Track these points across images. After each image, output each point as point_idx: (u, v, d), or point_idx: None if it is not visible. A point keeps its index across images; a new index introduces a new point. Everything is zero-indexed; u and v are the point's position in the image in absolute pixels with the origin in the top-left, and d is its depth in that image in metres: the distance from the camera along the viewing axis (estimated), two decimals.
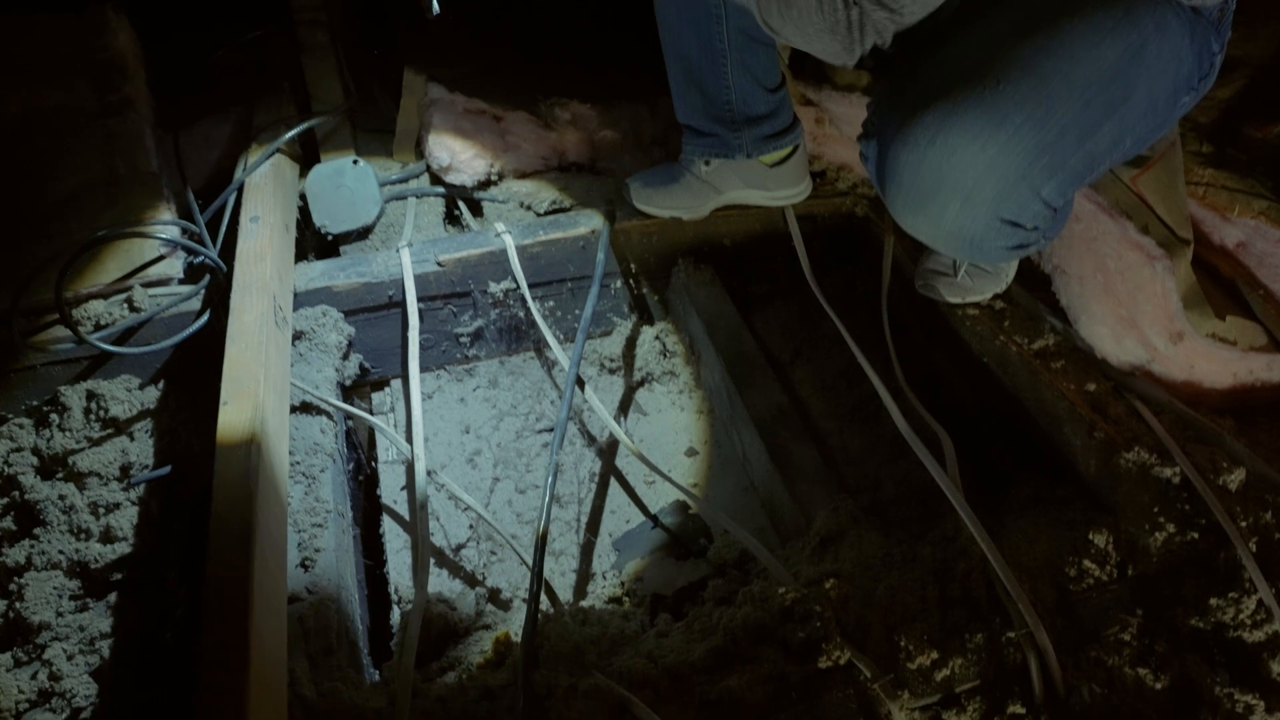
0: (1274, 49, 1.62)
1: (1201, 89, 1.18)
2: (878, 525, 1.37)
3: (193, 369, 1.57)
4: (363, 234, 1.79)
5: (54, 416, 1.53)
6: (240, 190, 1.63)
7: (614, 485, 1.59)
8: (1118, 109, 1.05)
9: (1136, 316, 1.42)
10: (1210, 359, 1.40)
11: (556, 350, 1.62)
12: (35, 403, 1.56)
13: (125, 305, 1.57)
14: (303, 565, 1.26)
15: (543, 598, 1.22)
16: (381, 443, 1.61)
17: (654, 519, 1.51)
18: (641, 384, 1.75)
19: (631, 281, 1.79)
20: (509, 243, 1.63)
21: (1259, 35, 1.63)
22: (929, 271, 1.62)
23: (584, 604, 1.37)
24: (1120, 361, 1.47)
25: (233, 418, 1.18)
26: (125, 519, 1.40)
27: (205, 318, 1.53)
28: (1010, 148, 1.01)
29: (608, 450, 1.64)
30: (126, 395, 1.56)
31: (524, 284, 1.63)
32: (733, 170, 1.61)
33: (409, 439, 1.49)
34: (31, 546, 1.37)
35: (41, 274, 1.45)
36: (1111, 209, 1.44)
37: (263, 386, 1.23)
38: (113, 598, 1.34)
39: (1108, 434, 1.39)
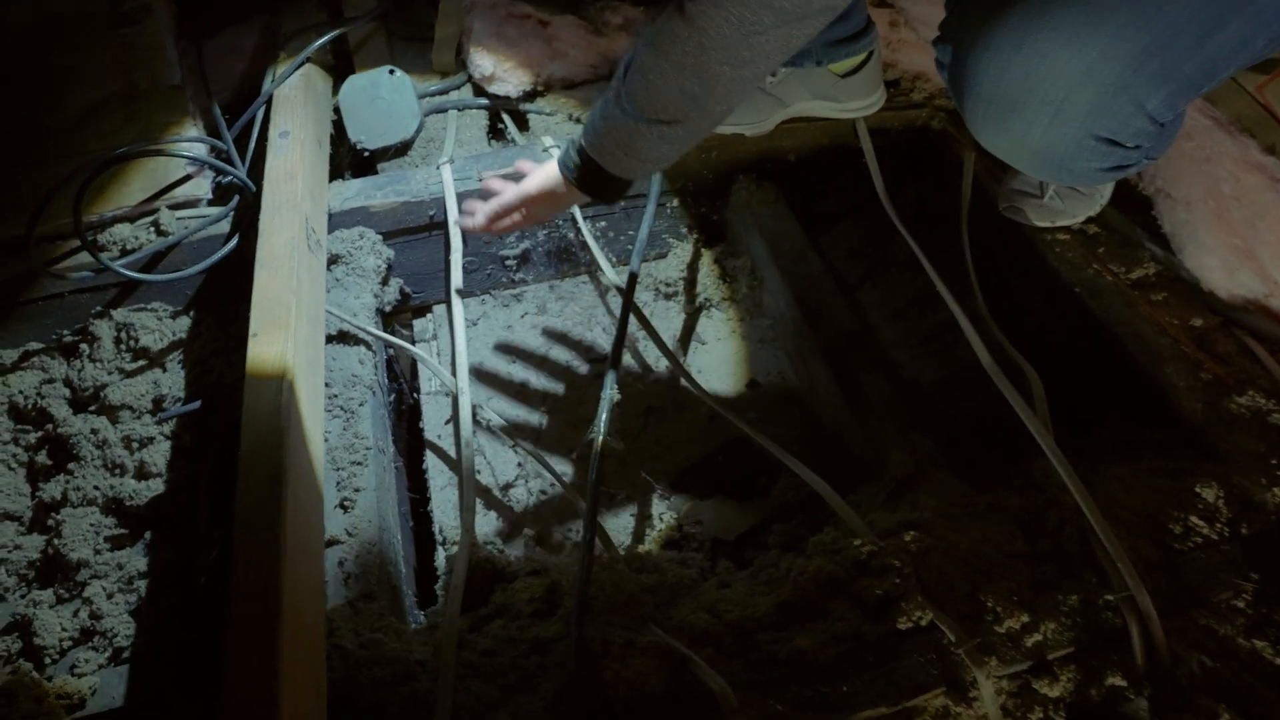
0: None
1: None
2: (956, 468, 1.26)
3: (224, 295, 1.50)
4: (401, 150, 1.67)
5: (84, 347, 1.47)
6: (269, 103, 1.52)
7: (671, 420, 1.49)
8: (1246, 4, 0.88)
9: (1254, 246, 1.27)
10: None
11: (610, 274, 1.51)
12: (65, 332, 1.50)
13: (152, 229, 1.48)
14: (341, 506, 1.19)
15: (596, 542, 1.14)
16: (424, 373, 1.53)
17: (714, 457, 1.42)
18: (700, 310, 1.63)
19: (689, 200, 1.65)
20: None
21: None
22: (1014, 192, 1.47)
23: (640, 549, 1.29)
24: (1232, 295, 1.32)
25: (263, 350, 1.10)
26: (159, 454, 1.34)
27: (235, 241, 1.44)
28: (1111, 51, 0.86)
29: (665, 382, 1.54)
30: (157, 324, 1.49)
31: None
32: (800, 80, 1.45)
33: (453, 370, 1.41)
34: (67, 482, 1.32)
35: (58, 195, 1.35)
36: (1230, 124, 1.28)
37: (294, 316, 1.15)
38: (149, 535, 1.29)
39: (1216, 374, 1.26)
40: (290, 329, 1.12)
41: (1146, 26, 0.86)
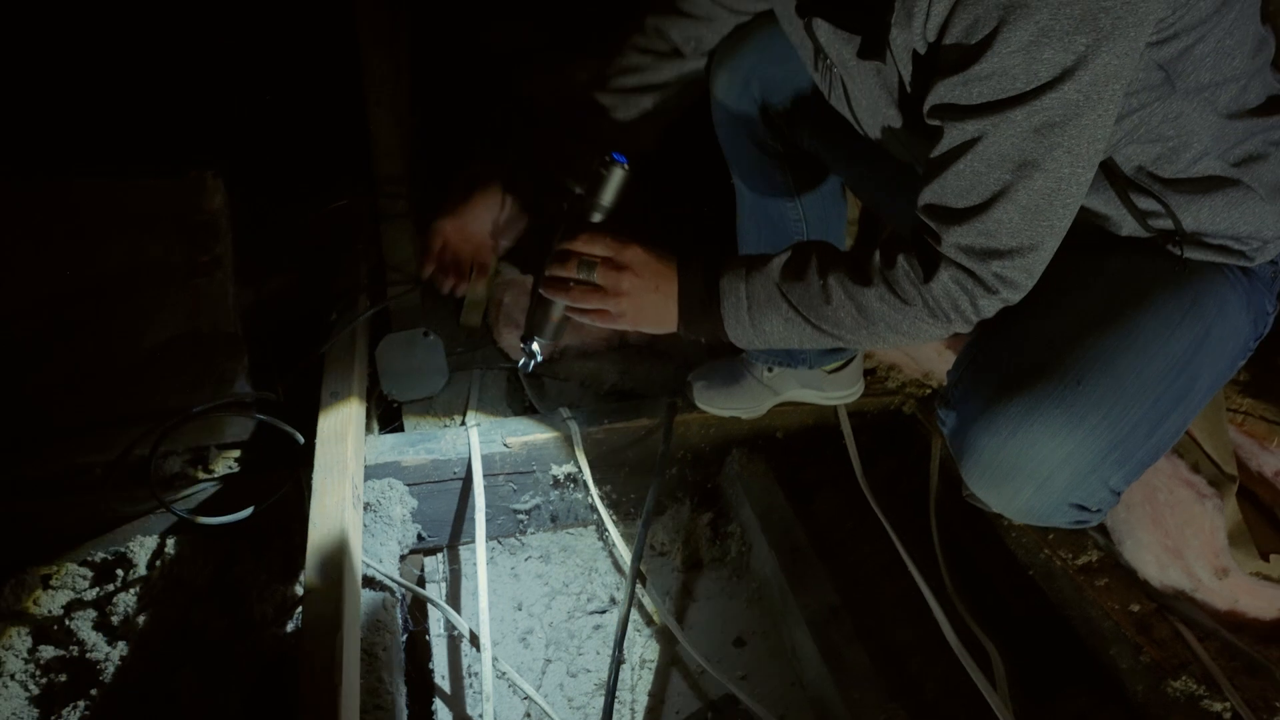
0: None
1: (1254, 347, 1.26)
2: None
3: (264, 533, 1.62)
4: (426, 399, 1.86)
5: (119, 571, 1.57)
6: (321, 361, 1.71)
7: (665, 672, 1.61)
8: (1184, 398, 1.12)
9: (1182, 548, 1.46)
10: (1255, 595, 1.45)
11: (615, 535, 1.67)
12: (103, 555, 1.61)
13: (201, 468, 1.63)
14: None
15: None
16: (433, 614, 1.64)
17: (703, 713, 1.53)
18: (692, 569, 1.79)
19: (688, 469, 1.84)
20: (575, 429, 1.70)
21: None
22: None
23: None
24: (1164, 586, 1.51)
25: (319, 608, 1.22)
26: (185, 686, 1.42)
27: (282, 490, 1.59)
28: (1086, 444, 1.08)
29: (659, 635, 1.66)
30: (193, 555, 1.60)
31: (587, 470, 1.69)
32: (793, 375, 1.69)
33: (456, 607, 1.51)
34: (88, 709, 1.39)
35: (129, 432, 1.51)
36: None
37: (345, 573, 1.28)
38: None
39: (1155, 657, 1.43)
40: (343, 585, 1.25)
41: (1112, 426, 1.09)
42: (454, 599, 1.69)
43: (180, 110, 2.08)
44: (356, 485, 1.51)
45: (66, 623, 1.51)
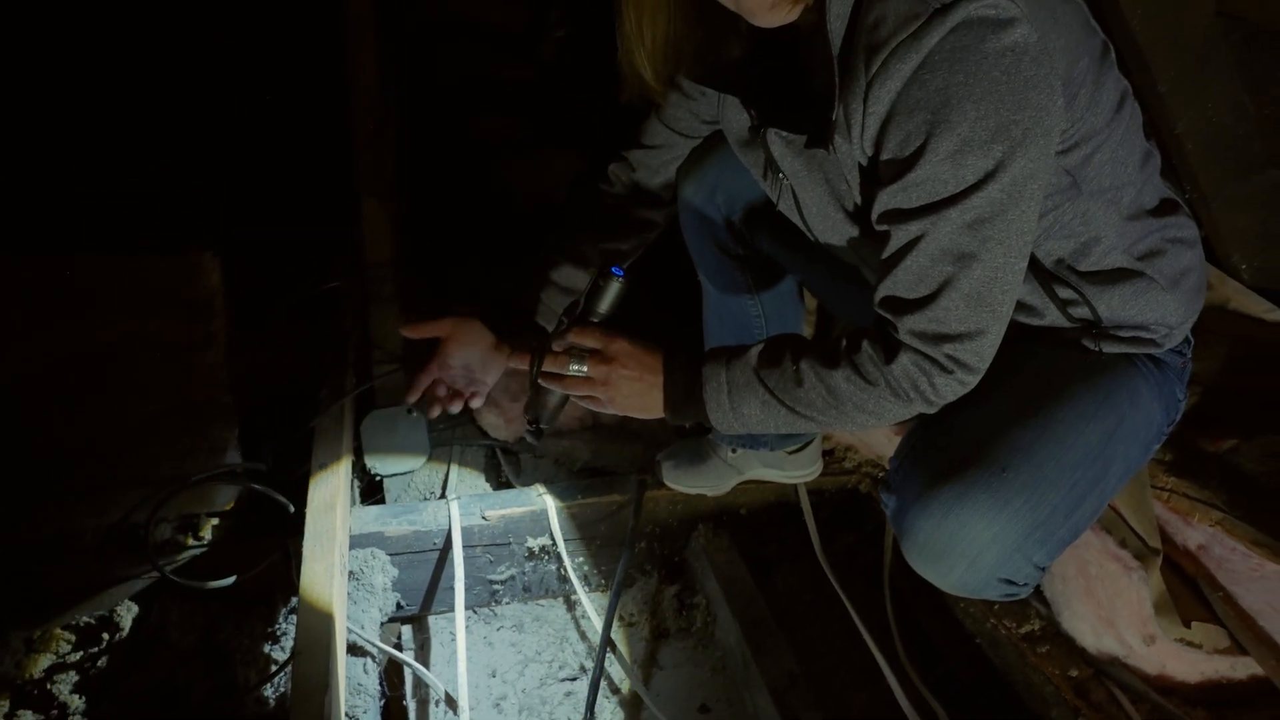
0: (1219, 367, 1.83)
1: (1168, 431, 1.39)
2: None
3: (249, 598, 1.69)
4: (407, 473, 1.95)
5: (104, 634, 1.62)
6: (310, 434, 1.80)
7: None
8: (1099, 483, 1.25)
9: (1114, 617, 1.58)
10: (1180, 660, 1.56)
11: (588, 607, 1.76)
12: (88, 619, 1.66)
13: (191, 534, 1.71)
14: None
15: None
16: (409, 679, 1.71)
17: None
18: (659, 638, 1.87)
19: (655, 543, 1.94)
20: (550, 503, 1.80)
21: (1205, 354, 1.85)
22: None
23: None
24: (1100, 652, 1.63)
25: (308, 669, 1.30)
26: None
27: (271, 557, 1.67)
28: (1010, 526, 1.19)
29: (628, 702, 1.74)
30: (179, 619, 1.66)
31: (561, 543, 1.78)
32: (755, 456, 1.82)
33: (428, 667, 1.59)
34: None
35: (124, 498, 1.59)
36: (1094, 523, 1.63)
37: (334, 638, 1.36)
38: None
39: None
40: (331, 650, 1.33)
41: (1034, 509, 1.20)
42: (429, 666, 1.76)
43: (184, 190, 2.19)
44: (343, 554, 1.59)
45: (48, 686, 1.55)
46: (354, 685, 1.52)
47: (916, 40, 1.00)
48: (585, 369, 1.33)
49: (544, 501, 1.81)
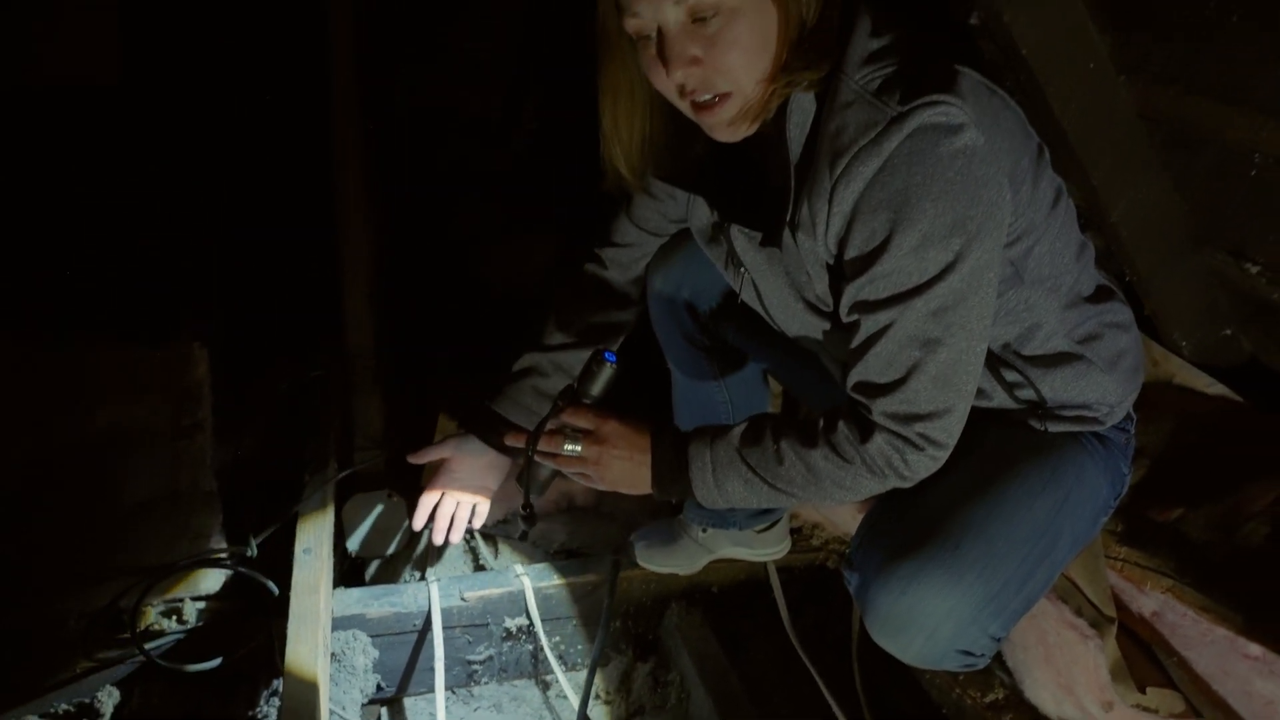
0: (1167, 439, 1.90)
1: (1116, 504, 1.48)
2: None
3: (231, 680, 1.71)
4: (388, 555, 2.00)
5: None
6: (294, 518, 1.85)
7: None
8: (1048, 555, 1.32)
9: (1073, 684, 1.64)
10: None
11: (565, 686, 1.79)
12: (66, 706, 1.68)
13: (175, 618, 1.74)
14: None
15: None
16: None
17: None
18: (635, 716, 1.90)
19: (629, 621, 1.99)
20: (527, 584, 1.85)
21: (1151, 429, 1.93)
22: None
23: None
24: (1060, 719, 1.68)
25: None
26: None
27: (255, 640, 1.70)
28: (965, 599, 1.26)
29: None
30: (161, 703, 1.68)
31: (539, 623, 1.83)
32: (725, 535, 1.89)
33: None
34: None
35: (109, 584, 1.63)
36: (1051, 593, 1.71)
37: (317, 718, 1.39)
38: None
39: None
40: None
41: (987, 583, 1.27)
42: None
43: (171, 281, 2.26)
44: (326, 635, 1.63)
45: None
46: None
47: (876, 145, 1.10)
48: (579, 449, 1.40)
49: (521, 582, 1.86)
